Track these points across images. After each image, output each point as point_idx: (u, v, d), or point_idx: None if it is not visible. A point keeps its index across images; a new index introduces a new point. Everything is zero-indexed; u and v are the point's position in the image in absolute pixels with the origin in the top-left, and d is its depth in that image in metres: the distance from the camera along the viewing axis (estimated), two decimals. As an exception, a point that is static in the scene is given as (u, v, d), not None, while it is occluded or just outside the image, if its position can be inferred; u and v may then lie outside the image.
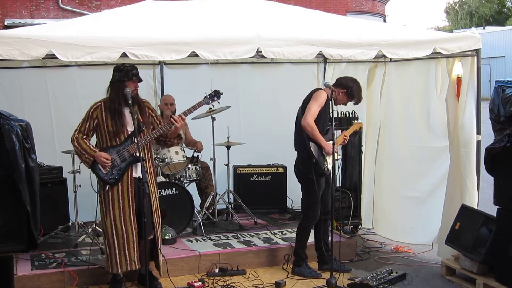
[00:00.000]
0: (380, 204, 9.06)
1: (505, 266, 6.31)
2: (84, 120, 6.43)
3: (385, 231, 8.98)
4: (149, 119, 6.59)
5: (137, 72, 6.45)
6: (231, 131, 9.20)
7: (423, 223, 8.39)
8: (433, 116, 8.16)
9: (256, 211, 9.31)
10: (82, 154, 6.36)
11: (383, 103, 8.87)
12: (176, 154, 8.55)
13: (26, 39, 5.95)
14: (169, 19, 7.46)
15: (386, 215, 8.98)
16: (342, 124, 8.78)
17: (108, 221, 6.35)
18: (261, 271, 7.37)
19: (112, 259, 6.36)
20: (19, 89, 8.98)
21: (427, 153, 8.31)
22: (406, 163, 8.61)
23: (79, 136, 6.40)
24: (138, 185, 6.36)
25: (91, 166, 6.38)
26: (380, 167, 9.05)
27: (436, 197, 8.11)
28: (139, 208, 6.36)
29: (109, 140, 6.39)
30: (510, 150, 6.16)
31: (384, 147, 8.98)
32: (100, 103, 6.45)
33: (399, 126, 8.72)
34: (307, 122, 6.83)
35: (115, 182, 6.33)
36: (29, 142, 4.95)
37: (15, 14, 23.04)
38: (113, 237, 6.32)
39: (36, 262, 7.07)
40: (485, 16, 61.88)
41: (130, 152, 6.34)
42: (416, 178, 8.50)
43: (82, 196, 8.11)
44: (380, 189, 9.07)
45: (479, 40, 7.30)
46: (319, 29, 7.45)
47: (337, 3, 29.95)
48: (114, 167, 6.32)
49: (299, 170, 7.20)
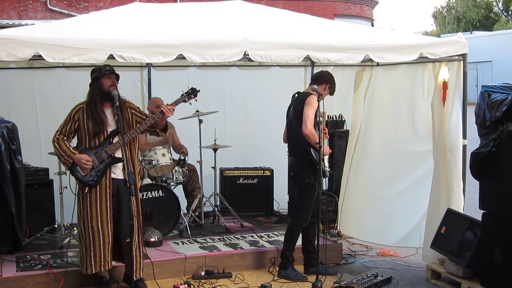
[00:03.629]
0: (350, 204, 9.04)
1: (490, 270, 6.35)
2: (65, 122, 6.41)
3: (352, 230, 9.02)
4: (132, 118, 6.54)
5: (111, 68, 6.42)
6: (218, 134, 9.19)
7: (390, 224, 8.52)
8: (418, 120, 8.19)
9: (242, 214, 9.29)
10: (61, 156, 6.32)
11: (366, 106, 8.87)
12: (163, 157, 8.54)
13: (13, 40, 5.94)
14: (156, 21, 7.47)
15: (354, 215, 9.00)
16: (329, 128, 8.80)
17: (85, 222, 6.31)
18: (247, 274, 7.37)
19: (87, 260, 6.32)
20: (6, 90, 8.94)
21: (408, 156, 8.35)
22: (385, 165, 8.64)
23: (60, 137, 6.35)
24: (118, 186, 6.36)
25: (70, 168, 6.34)
26: (354, 168, 9.04)
27: (405, 199, 8.29)
28: (118, 209, 6.35)
29: (88, 141, 6.35)
30: (496, 155, 6.20)
31: (362, 149, 8.97)
32: (82, 105, 6.42)
33: (382, 129, 8.73)
34: (309, 130, 6.84)
35: (94, 184, 6.29)
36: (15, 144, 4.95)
37: (3, 15, 22.95)
38: (90, 238, 6.28)
39: (21, 264, 7.02)
40: (473, 21, 62.16)
41: (108, 153, 6.30)
42: (390, 180, 8.57)
43: (68, 197, 8.06)
44: (352, 190, 9.05)
45: (465, 45, 7.33)
46: (306, 32, 7.47)
47: (325, 7, 30.00)
48: (93, 168, 6.28)
49: (296, 174, 7.21)
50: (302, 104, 7.00)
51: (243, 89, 10.24)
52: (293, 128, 7.16)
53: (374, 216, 8.72)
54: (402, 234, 8.43)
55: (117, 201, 6.36)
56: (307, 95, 7.09)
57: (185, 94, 6.66)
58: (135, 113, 6.60)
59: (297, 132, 7.00)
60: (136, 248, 6.47)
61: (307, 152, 6.96)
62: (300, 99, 7.11)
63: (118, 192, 6.37)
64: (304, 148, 6.98)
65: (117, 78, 6.49)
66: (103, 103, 6.38)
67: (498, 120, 6.17)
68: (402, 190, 8.40)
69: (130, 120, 6.53)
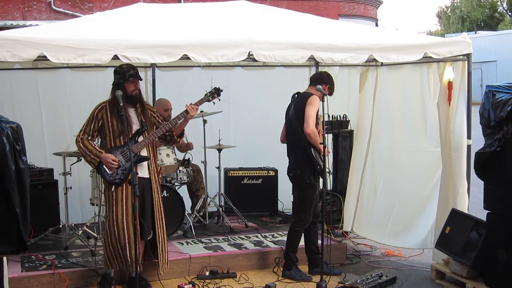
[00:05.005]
0: (367, 206, 9.00)
1: (495, 271, 6.34)
2: (89, 121, 6.43)
3: (372, 233, 8.91)
4: (151, 119, 6.61)
5: (135, 71, 6.45)
6: (222, 134, 9.21)
7: (416, 227, 8.39)
8: (429, 121, 8.07)
9: (247, 214, 9.32)
10: (87, 155, 6.36)
11: (376, 106, 8.85)
12: (168, 157, 8.54)
13: (18, 40, 5.94)
14: (161, 22, 7.47)
15: (373, 218, 8.92)
16: (333, 128, 8.80)
17: (111, 220, 6.35)
18: (251, 274, 7.38)
19: (110, 257, 6.40)
20: (10, 91, 8.95)
21: (425, 157, 8.20)
22: (403, 168, 8.51)
23: (84, 137, 6.39)
24: (143, 185, 6.41)
25: (96, 167, 6.39)
26: (369, 171, 9.02)
27: (430, 202, 8.10)
28: (143, 208, 6.41)
29: (113, 140, 6.40)
30: (500, 155, 6.18)
31: (374, 151, 8.95)
32: (105, 103, 6.46)
33: (394, 130, 8.66)
34: (311, 129, 6.84)
35: (121, 182, 6.35)
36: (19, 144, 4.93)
37: (7, 16, 22.99)
38: (115, 236, 6.32)
39: (26, 264, 7.05)
40: (477, 21, 62.05)
41: (134, 151, 6.34)
42: (412, 181, 8.39)
43: (73, 198, 8.11)
44: (367, 191, 9.02)
45: (470, 45, 7.33)
46: (310, 33, 7.47)
47: (329, 7, 29.99)
48: (119, 167, 6.34)
49: (296, 175, 7.20)
50: (303, 104, 6.99)
51: (247, 89, 10.24)
52: (293, 128, 7.16)
53: (397, 218, 8.54)
54: (423, 236, 8.27)
55: (141, 200, 6.38)
56: (309, 95, 7.09)
57: (208, 94, 6.75)
58: (153, 115, 6.68)
59: (298, 132, 6.99)
60: (162, 244, 6.61)
61: (308, 152, 6.96)
62: (302, 99, 7.11)
63: (143, 191, 6.41)
64: (304, 148, 6.98)
65: (140, 80, 6.55)
66: (127, 104, 6.41)
67: (503, 120, 6.15)
68: (428, 194, 8.21)
69: (153, 120, 6.64)
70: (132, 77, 6.41)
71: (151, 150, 6.55)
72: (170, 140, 6.81)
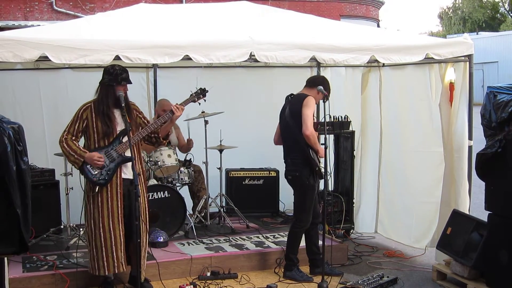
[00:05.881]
0: (391, 208, 8.98)
1: (496, 271, 6.34)
2: (73, 121, 6.35)
3: (397, 235, 8.85)
4: (136, 120, 6.54)
5: (127, 75, 6.36)
6: (223, 135, 9.21)
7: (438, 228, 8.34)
8: (436, 121, 7.97)
9: (248, 215, 9.32)
10: (71, 155, 6.25)
11: (384, 107, 8.84)
12: (169, 157, 8.55)
13: (19, 41, 5.95)
14: (162, 22, 7.48)
15: (397, 220, 8.84)
16: (334, 129, 8.79)
17: (96, 222, 6.27)
18: (252, 274, 7.37)
19: (99, 261, 6.30)
20: (12, 91, 8.95)
21: (437, 157, 8.02)
22: (416, 168, 8.40)
23: (68, 137, 6.29)
24: (128, 186, 6.34)
25: (79, 167, 6.31)
26: (385, 172, 9.02)
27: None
28: (129, 210, 6.33)
29: (97, 141, 6.31)
30: (502, 156, 6.18)
31: (387, 152, 8.97)
32: (90, 104, 6.38)
33: (402, 131, 8.62)
34: (310, 131, 6.82)
35: (105, 183, 6.26)
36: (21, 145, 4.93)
37: (9, 16, 23.01)
38: (101, 239, 6.25)
39: (28, 265, 7.06)
40: (479, 22, 62.06)
41: (118, 152, 6.29)
42: (431, 184, 8.16)
43: (74, 198, 8.09)
44: (388, 193, 9.01)
45: (471, 46, 7.33)
46: (312, 33, 7.47)
47: (331, 8, 29.99)
48: (103, 167, 6.26)
49: (294, 177, 7.16)
50: (299, 105, 6.96)
51: (248, 90, 10.25)
52: (289, 130, 7.12)
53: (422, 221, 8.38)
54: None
55: (128, 201, 6.35)
56: (304, 96, 7.06)
57: (194, 94, 6.69)
58: (139, 116, 6.61)
59: (295, 133, 6.97)
60: (144, 249, 6.49)
61: (306, 153, 6.95)
62: (297, 100, 7.07)
63: (129, 192, 6.34)
64: (302, 149, 6.96)
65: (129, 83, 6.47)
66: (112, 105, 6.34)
67: (504, 121, 6.15)
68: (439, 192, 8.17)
69: (138, 120, 6.56)
70: (124, 80, 6.32)
71: (136, 151, 6.44)
72: (156, 142, 6.70)
